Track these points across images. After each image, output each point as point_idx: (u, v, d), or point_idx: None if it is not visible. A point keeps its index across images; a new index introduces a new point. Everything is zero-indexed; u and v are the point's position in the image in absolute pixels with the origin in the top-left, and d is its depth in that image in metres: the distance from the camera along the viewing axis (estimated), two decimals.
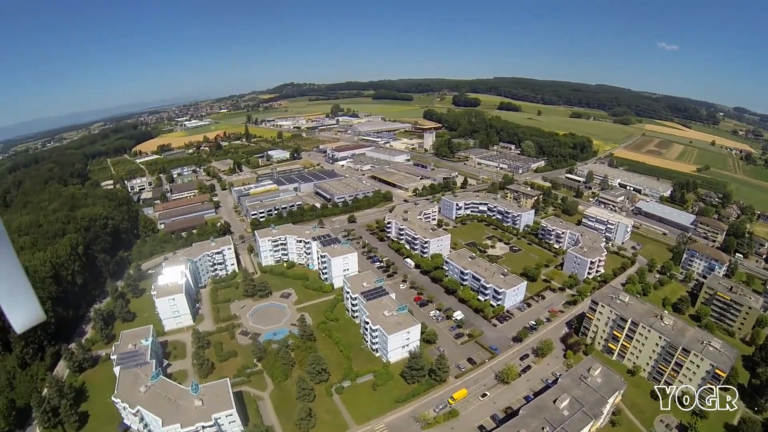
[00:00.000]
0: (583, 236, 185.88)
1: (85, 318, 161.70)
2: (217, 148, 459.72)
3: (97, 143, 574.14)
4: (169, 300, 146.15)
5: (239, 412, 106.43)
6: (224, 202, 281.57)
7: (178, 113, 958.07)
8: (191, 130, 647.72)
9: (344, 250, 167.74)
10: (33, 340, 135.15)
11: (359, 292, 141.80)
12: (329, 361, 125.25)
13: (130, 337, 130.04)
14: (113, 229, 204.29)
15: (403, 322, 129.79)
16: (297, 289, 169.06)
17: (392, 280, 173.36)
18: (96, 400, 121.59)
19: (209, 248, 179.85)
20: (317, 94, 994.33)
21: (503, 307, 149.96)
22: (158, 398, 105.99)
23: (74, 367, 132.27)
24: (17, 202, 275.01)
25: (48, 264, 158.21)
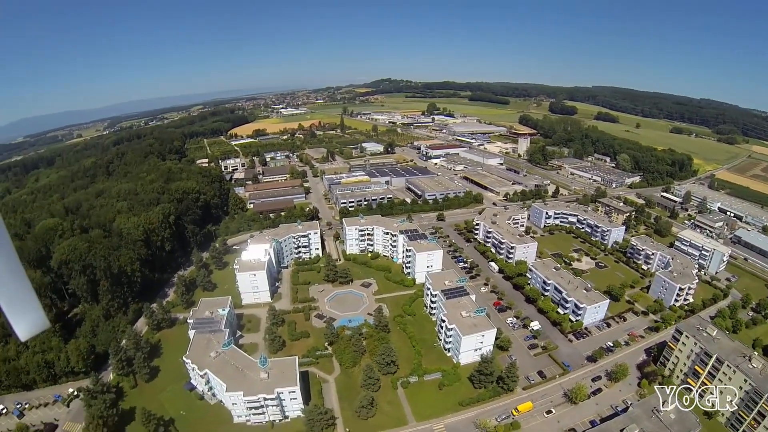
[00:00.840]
0: (674, 260, 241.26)
1: (168, 282, 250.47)
2: (312, 137, 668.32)
3: (195, 124, 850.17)
4: (250, 275, 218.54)
5: (302, 390, 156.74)
6: (315, 189, 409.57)
7: (275, 101, 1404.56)
8: (287, 118, 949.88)
9: (430, 246, 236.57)
10: (119, 295, 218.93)
11: (440, 290, 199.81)
12: (400, 354, 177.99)
13: (208, 304, 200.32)
14: (204, 203, 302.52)
15: (479, 325, 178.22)
16: (378, 279, 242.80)
17: (474, 282, 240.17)
18: (168, 357, 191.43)
19: (296, 231, 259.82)
20: (414, 92, 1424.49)
21: (582, 323, 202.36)
22: (226, 365, 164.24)
23: (153, 325, 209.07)
24: (119, 172, 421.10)
25: (141, 228, 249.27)
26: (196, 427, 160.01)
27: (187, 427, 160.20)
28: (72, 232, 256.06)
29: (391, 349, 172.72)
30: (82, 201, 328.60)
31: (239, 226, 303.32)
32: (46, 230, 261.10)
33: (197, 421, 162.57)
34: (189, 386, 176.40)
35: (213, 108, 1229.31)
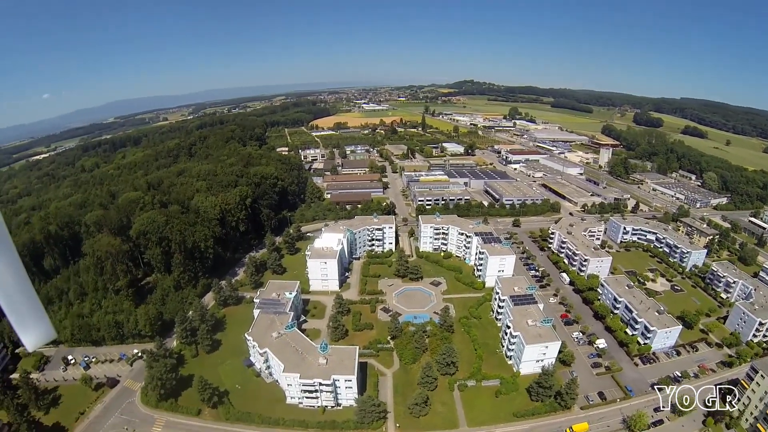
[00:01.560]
0: (758, 291, 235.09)
1: (239, 262, 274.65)
2: (393, 133, 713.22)
3: (277, 113, 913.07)
4: (321, 262, 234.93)
5: (359, 380, 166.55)
6: (393, 185, 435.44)
7: (357, 96, 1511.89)
8: (368, 113, 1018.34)
9: (503, 250, 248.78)
10: (190, 269, 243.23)
11: (508, 295, 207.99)
12: (461, 356, 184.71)
13: (276, 286, 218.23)
14: (281, 189, 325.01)
15: (544, 336, 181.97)
16: (448, 279, 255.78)
17: (544, 291, 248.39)
18: (230, 333, 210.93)
19: (371, 223, 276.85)
20: (496, 95, 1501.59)
21: (650, 347, 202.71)
22: (286, 346, 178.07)
23: (220, 300, 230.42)
24: (200, 154, 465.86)
25: (217, 208, 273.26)
26: (248, 402, 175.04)
27: (240, 401, 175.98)
28: (152, 205, 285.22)
29: (452, 350, 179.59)
30: (164, 178, 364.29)
31: (315, 214, 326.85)
32: (129, 202, 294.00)
33: (251, 397, 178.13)
34: (247, 362, 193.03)
35: (295, 99, 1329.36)
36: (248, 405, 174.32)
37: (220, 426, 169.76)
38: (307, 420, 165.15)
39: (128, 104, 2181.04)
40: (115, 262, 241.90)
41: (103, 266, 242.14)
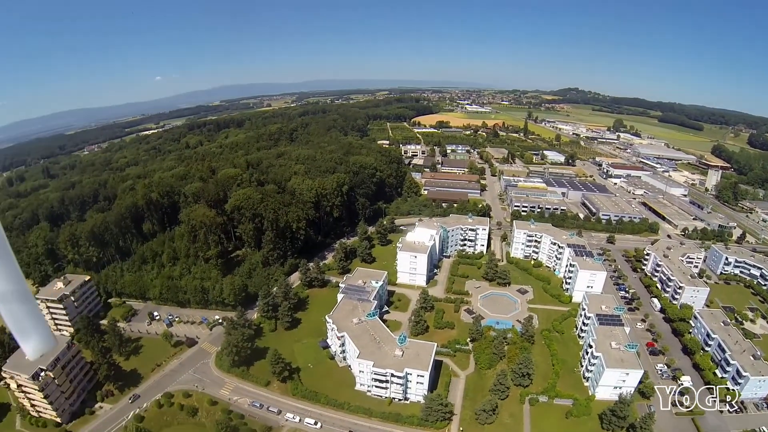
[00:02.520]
0: None
1: (329, 247, 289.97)
2: (494, 136, 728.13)
3: (380, 107, 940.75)
4: (411, 256, 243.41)
5: (431, 378, 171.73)
6: (490, 188, 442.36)
7: (461, 96, 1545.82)
8: (471, 114, 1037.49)
9: (594, 266, 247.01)
10: (280, 247, 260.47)
11: (594, 313, 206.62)
12: (537, 369, 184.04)
13: (363, 274, 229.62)
14: (379, 180, 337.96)
15: (627, 362, 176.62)
16: (536, 288, 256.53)
17: (632, 314, 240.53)
18: (311, 313, 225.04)
19: (465, 223, 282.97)
20: (601, 105, 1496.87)
21: (739, 394, 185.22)
22: (365, 333, 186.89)
23: (305, 281, 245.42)
24: (301, 139, 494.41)
25: (313, 192, 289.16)
26: (317, 382, 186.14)
27: (310, 380, 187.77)
28: (249, 183, 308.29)
29: (530, 361, 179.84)
30: (263, 159, 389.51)
31: (410, 208, 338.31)
32: (228, 177, 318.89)
33: (321, 378, 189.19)
34: (323, 344, 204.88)
35: (398, 95, 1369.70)
36: (317, 385, 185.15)
37: (286, 400, 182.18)
38: (373, 409, 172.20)
39: (235, 89, 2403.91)
40: (208, 232, 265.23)
41: (196, 235, 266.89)
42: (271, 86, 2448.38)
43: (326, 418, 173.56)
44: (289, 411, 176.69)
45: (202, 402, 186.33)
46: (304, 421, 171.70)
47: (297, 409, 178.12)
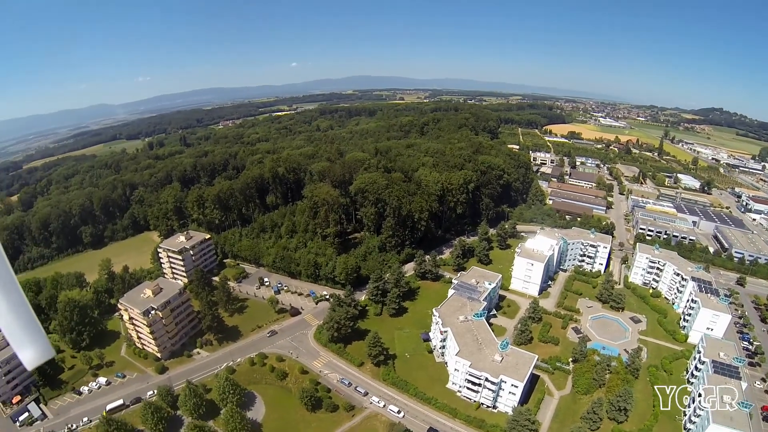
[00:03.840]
0: None
1: (448, 242, 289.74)
2: (626, 153, 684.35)
3: (512, 111, 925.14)
4: (528, 263, 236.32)
5: (524, 390, 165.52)
6: (617, 206, 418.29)
7: (594, 108, 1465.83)
8: (604, 128, 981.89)
9: (719, 306, 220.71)
10: (399, 235, 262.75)
11: (710, 359, 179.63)
12: (636, 406, 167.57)
13: (478, 274, 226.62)
14: (505, 183, 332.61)
15: (736, 422, 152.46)
16: (650, 319, 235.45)
17: (751, 370, 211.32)
18: (419, 304, 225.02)
19: (586, 238, 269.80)
20: (747, 129, 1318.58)
21: None
22: (468, 332, 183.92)
23: (419, 272, 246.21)
24: (431, 134, 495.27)
25: (439, 185, 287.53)
26: (410, 373, 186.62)
27: (403, 369, 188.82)
28: (376, 168, 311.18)
29: (630, 396, 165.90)
30: (392, 148, 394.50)
31: (533, 216, 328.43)
32: (355, 160, 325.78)
33: (415, 369, 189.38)
34: (425, 336, 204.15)
35: (531, 101, 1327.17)
36: (409, 375, 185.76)
37: (375, 383, 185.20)
38: (459, 410, 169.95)
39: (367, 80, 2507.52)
40: (329, 210, 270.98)
41: (317, 211, 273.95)
42: (402, 80, 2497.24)
43: (410, 409, 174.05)
44: (376, 395, 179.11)
45: (293, 368, 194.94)
46: (388, 407, 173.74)
47: (384, 394, 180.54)
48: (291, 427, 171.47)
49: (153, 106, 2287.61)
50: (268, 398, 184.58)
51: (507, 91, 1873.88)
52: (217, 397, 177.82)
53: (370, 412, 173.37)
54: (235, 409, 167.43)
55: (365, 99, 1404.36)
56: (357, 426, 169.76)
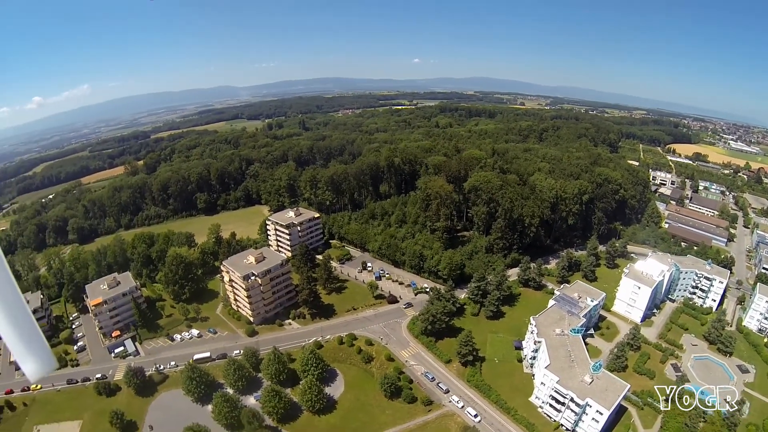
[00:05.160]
0: None
1: (555, 253, 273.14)
2: (757, 182, 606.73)
3: (634, 126, 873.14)
4: (634, 285, 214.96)
5: (608, 419, 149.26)
6: (739, 239, 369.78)
7: (725, 129, 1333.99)
8: (733, 152, 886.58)
9: None
10: (507, 238, 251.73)
11: None
12: None
13: (581, 288, 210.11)
14: (621, 199, 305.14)
15: None
16: (760, 371, 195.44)
17: None
18: (517, 311, 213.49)
19: (701, 269, 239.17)
20: None
21: None
22: (562, 347, 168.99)
23: (522, 278, 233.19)
24: (549, 140, 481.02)
25: (553, 192, 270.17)
26: (496, 379, 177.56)
27: (489, 373, 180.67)
28: (491, 168, 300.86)
29: None
30: (509, 150, 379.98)
31: (646, 237, 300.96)
32: (471, 158, 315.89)
33: (501, 376, 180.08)
34: (517, 344, 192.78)
35: (656, 117, 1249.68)
36: (494, 380, 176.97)
37: (458, 383, 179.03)
38: (537, 426, 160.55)
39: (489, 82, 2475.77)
40: (441, 204, 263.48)
41: (429, 204, 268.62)
42: (524, 85, 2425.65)
43: (488, 415, 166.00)
44: (456, 394, 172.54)
45: (380, 354, 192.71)
46: (466, 408, 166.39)
47: (464, 395, 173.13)
48: (365, 410, 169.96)
49: (275, 90, 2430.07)
50: (349, 378, 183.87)
51: (630, 104, 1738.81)
52: (300, 368, 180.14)
53: (447, 411, 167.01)
54: (315, 382, 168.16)
55: (486, 101, 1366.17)
56: (431, 422, 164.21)
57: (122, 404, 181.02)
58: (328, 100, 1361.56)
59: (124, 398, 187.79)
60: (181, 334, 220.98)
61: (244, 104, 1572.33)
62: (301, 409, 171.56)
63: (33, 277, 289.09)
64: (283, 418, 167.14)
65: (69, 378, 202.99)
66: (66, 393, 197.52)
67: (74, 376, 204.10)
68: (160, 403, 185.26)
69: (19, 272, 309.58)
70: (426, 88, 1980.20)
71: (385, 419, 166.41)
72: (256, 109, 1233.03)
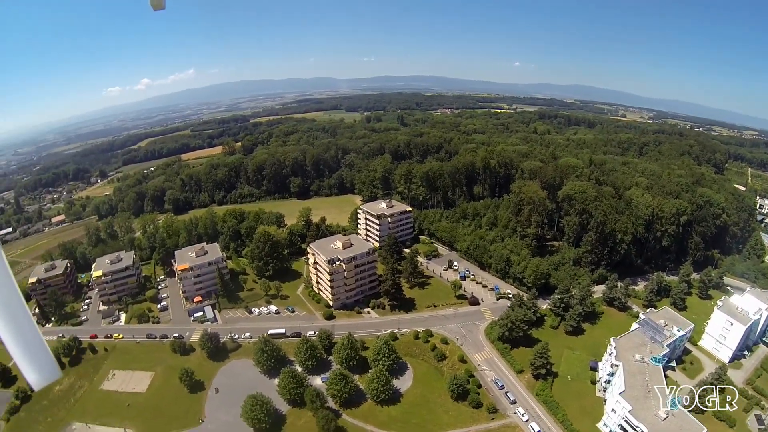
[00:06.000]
0: None
1: (645, 275, 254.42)
2: None
3: (744, 147, 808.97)
4: (727, 321, 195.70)
5: None
6: None
7: None
8: None
9: None
10: (597, 252, 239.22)
11: None
12: None
13: (668, 315, 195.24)
14: (722, 225, 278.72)
15: None
16: None
17: None
18: (597, 330, 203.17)
19: None
20: None
21: None
22: (640, 374, 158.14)
23: (607, 296, 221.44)
24: (650, 155, 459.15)
25: (649, 209, 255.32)
26: (565, 398, 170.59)
27: (560, 390, 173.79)
28: (587, 179, 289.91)
29: None
30: (607, 162, 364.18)
31: (746, 270, 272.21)
32: (567, 166, 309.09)
33: (572, 395, 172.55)
34: (593, 364, 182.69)
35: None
36: (563, 399, 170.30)
37: (526, 395, 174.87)
38: None
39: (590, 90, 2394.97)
40: (533, 210, 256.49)
41: (521, 209, 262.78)
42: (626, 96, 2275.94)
43: None
44: (523, 406, 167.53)
45: (453, 354, 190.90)
46: (530, 423, 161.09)
47: (531, 408, 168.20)
48: (429, 408, 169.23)
49: (374, 84, 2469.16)
50: (419, 373, 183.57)
51: (740, 123, 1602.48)
52: (371, 356, 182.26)
53: (510, 422, 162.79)
54: (384, 372, 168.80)
55: (586, 110, 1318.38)
56: (493, 430, 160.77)
57: (193, 364, 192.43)
58: (427, 98, 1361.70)
59: (196, 359, 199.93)
60: (260, 308, 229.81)
61: (342, 96, 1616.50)
62: (365, 397, 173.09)
63: (129, 238, 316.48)
64: (345, 403, 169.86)
65: (149, 333, 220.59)
66: (144, 346, 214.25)
67: (154, 332, 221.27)
68: (229, 369, 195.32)
69: (116, 232, 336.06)
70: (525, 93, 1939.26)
71: (448, 420, 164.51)
72: (355, 102, 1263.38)
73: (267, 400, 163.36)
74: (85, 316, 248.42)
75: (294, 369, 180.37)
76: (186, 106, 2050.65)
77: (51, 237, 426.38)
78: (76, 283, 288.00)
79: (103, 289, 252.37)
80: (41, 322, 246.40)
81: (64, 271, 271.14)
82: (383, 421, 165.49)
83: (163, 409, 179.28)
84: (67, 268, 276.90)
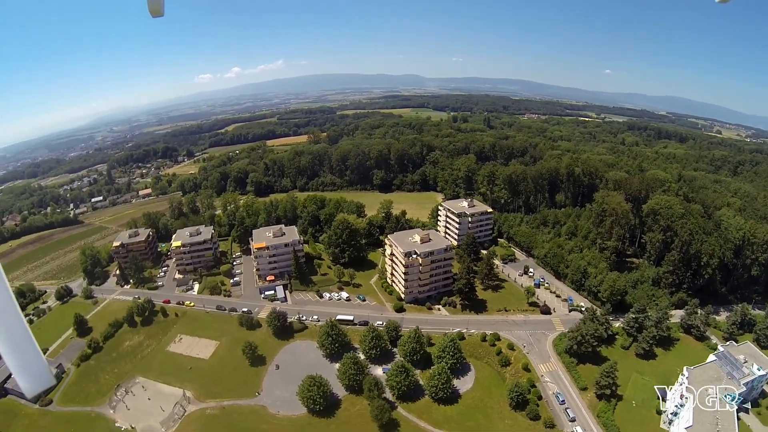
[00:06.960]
0: None
1: (728, 305, 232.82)
2: None
3: None
4: None
5: None
6: None
7: None
8: None
9: None
10: (679, 274, 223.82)
11: None
12: None
13: (749, 351, 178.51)
14: None
15: None
16: None
17: None
18: (671, 356, 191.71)
19: None
20: None
21: None
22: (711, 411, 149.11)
23: (684, 322, 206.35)
24: (745, 175, 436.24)
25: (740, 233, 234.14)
26: (627, 424, 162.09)
27: (622, 415, 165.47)
28: (675, 194, 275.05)
29: None
30: (697, 178, 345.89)
31: None
32: (655, 179, 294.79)
33: (634, 422, 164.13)
34: (661, 392, 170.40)
35: None
36: (625, 425, 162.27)
37: (587, 414, 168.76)
38: None
39: (684, 103, 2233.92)
40: (615, 222, 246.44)
41: (603, 220, 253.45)
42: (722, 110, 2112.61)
43: None
44: (582, 426, 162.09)
45: (518, 361, 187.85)
46: None
47: (589, 429, 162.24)
48: (485, 413, 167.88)
49: (461, 85, 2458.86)
50: (481, 377, 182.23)
51: None
52: (436, 353, 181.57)
53: None
54: (446, 370, 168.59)
55: (678, 123, 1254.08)
56: None
57: (258, 339, 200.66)
58: (515, 101, 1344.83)
59: (261, 335, 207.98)
60: (331, 294, 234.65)
61: (430, 95, 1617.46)
62: (423, 393, 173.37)
63: (209, 214, 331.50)
64: (403, 396, 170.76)
65: (219, 305, 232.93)
66: (213, 316, 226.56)
67: (223, 305, 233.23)
68: (292, 349, 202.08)
69: (198, 208, 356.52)
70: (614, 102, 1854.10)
71: (503, 428, 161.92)
72: (443, 101, 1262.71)
73: (325, 382, 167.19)
74: (161, 282, 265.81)
75: (357, 356, 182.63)
76: (274, 95, 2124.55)
77: (137, 208, 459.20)
78: (156, 251, 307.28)
79: (181, 259, 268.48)
80: (120, 282, 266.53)
81: (146, 238, 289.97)
82: (437, 420, 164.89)
83: (222, 377, 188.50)
84: (149, 237, 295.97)
